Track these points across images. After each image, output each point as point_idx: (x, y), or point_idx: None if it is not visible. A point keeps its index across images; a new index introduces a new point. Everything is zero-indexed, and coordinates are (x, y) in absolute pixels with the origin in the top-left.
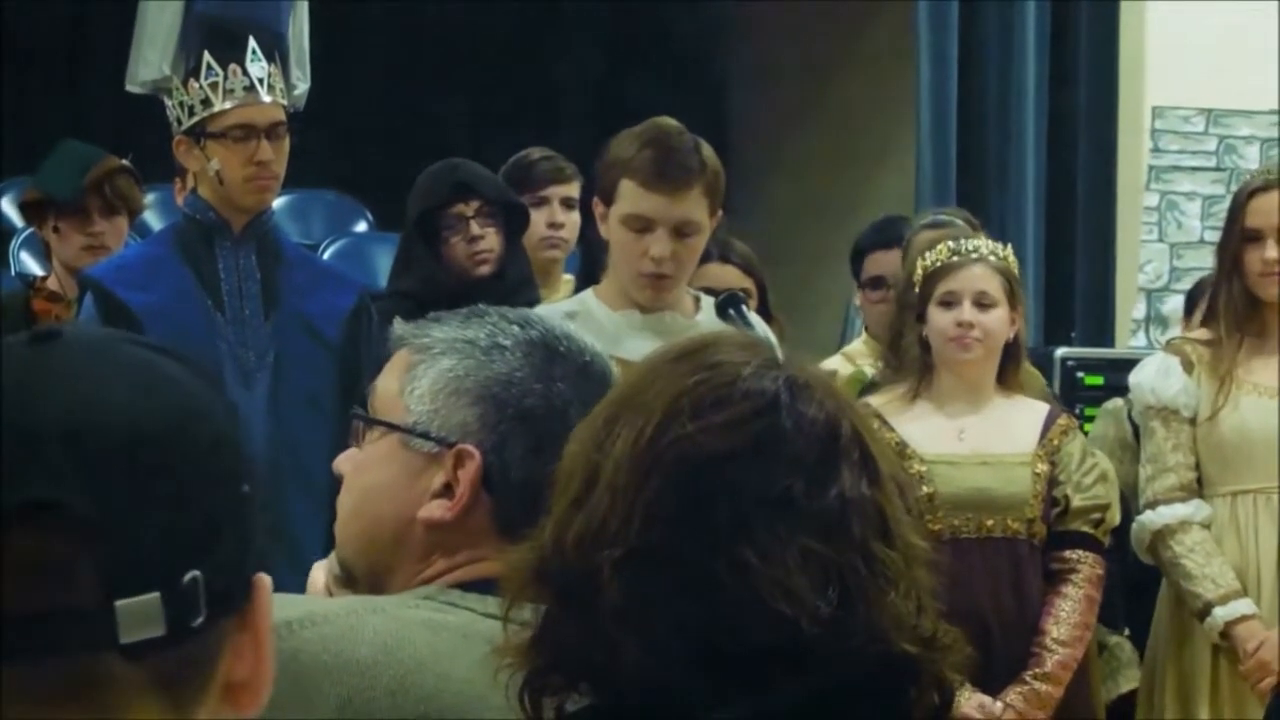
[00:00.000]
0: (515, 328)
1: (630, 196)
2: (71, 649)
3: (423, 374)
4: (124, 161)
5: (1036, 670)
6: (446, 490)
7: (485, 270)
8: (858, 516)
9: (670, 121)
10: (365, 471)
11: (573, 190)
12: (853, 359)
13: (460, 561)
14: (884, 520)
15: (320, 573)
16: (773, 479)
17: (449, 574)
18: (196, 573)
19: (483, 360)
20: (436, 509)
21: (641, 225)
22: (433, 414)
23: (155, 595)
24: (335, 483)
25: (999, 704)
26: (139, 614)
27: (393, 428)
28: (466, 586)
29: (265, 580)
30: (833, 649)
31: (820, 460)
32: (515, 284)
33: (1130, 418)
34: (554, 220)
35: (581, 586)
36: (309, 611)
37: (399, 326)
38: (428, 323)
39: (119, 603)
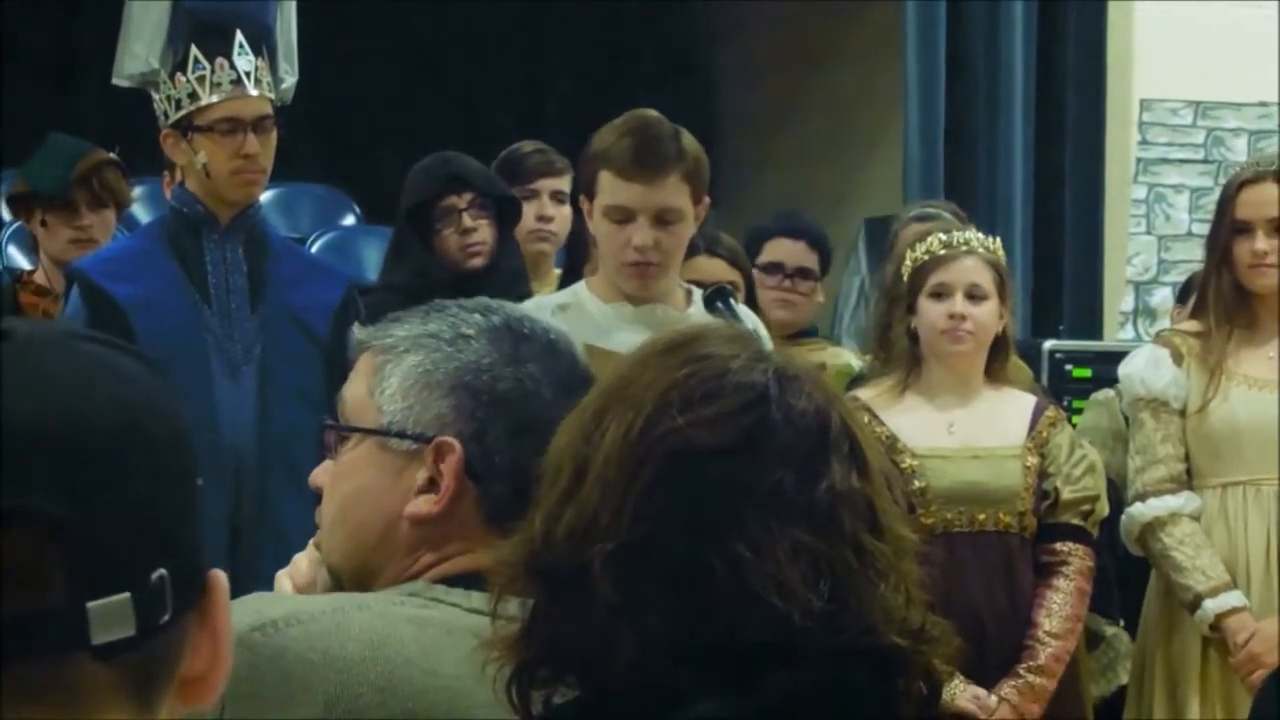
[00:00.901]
0: (476, 316)
1: (609, 187)
2: (44, 651)
3: (391, 373)
4: (111, 155)
5: (1030, 663)
6: (430, 485)
7: (478, 263)
8: (848, 509)
9: (649, 112)
10: (345, 479)
11: (563, 184)
12: None
13: (449, 554)
14: (873, 513)
15: (287, 582)
16: (763, 472)
17: (435, 568)
18: (163, 570)
19: (450, 351)
20: (423, 504)
21: (622, 215)
22: (407, 411)
23: (126, 595)
24: None
25: (993, 698)
26: (110, 615)
27: (368, 432)
28: (451, 581)
29: (220, 575)
30: (823, 642)
31: (810, 453)
32: (508, 276)
33: (1122, 409)
34: (543, 213)
35: (573, 580)
36: (294, 610)
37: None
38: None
39: (91, 604)
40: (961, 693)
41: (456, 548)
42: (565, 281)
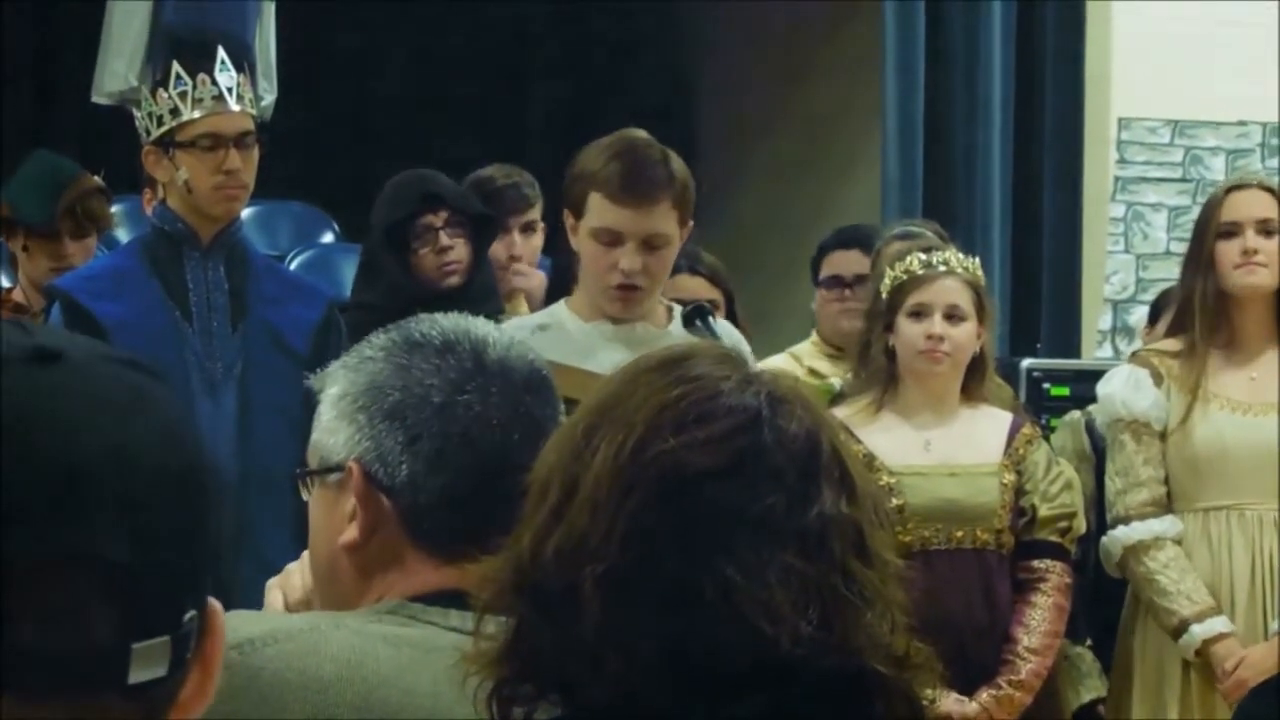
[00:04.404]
0: (382, 336)
1: (598, 210)
2: (82, 690)
3: (320, 411)
4: (97, 179)
5: (1011, 677)
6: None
7: (454, 281)
8: (837, 535)
9: (639, 133)
10: (310, 524)
11: (534, 214)
12: (799, 359)
13: (394, 579)
14: (861, 538)
15: (278, 593)
16: (755, 496)
17: (397, 587)
18: (194, 612)
19: (353, 377)
20: (350, 532)
21: (610, 239)
22: (328, 444)
23: (166, 638)
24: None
25: (973, 704)
26: (149, 656)
27: (305, 474)
28: (428, 599)
29: (217, 605)
30: (807, 667)
31: (801, 477)
32: (480, 294)
33: (1088, 429)
34: (514, 253)
35: (561, 599)
36: (271, 629)
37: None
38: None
39: (135, 645)
40: (944, 697)
41: (399, 572)
42: (550, 301)
